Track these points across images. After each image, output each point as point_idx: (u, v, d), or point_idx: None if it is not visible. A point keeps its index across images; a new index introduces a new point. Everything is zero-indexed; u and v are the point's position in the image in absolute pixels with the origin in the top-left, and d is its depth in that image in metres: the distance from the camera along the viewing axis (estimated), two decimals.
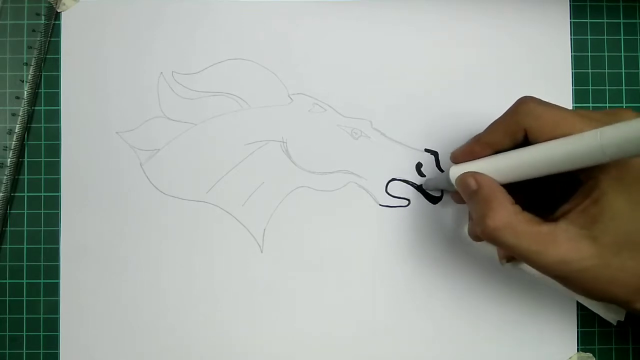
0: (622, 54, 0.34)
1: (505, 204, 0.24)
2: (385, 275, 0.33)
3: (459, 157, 0.28)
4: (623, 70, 0.34)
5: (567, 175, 0.24)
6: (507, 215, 0.24)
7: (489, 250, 0.32)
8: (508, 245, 0.24)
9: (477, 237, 0.28)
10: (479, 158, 0.27)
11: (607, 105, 0.34)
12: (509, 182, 0.25)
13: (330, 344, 0.33)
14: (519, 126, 0.25)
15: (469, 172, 0.27)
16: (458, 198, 0.31)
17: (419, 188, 0.33)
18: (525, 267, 0.31)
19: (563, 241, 0.23)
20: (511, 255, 0.29)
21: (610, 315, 0.30)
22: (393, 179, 0.33)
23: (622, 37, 0.34)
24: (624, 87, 0.34)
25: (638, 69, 0.34)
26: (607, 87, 0.34)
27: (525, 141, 0.25)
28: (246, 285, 0.33)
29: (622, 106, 0.34)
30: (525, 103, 0.25)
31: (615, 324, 0.32)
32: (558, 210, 0.25)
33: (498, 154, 0.26)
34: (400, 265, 0.33)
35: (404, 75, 0.34)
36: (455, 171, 0.28)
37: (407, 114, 0.33)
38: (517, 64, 0.34)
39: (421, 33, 0.34)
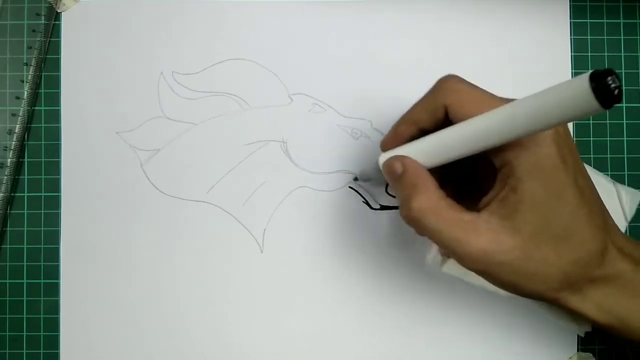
0: (622, 54, 0.34)
1: (430, 188, 0.23)
2: (386, 274, 0.33)
3: (386, 142, 0.27)
4: (623, 70, 0.34)
5: (490, 165, 0.24)
6: (432, 199, 0.23)
7: None
8: (431, 229, 0.23)
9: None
10: (406, 140, 0.26)
11: None
12: (434, 166, 0.24)
13: (329, 344, 0.33)
14: (438, 102, 0.24)
15: (395, 156, 0.25)
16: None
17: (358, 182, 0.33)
18: (449, 266, 0.30)
19: (484, 231, 0.22)
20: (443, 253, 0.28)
21: (576, 326, 0.29)
22: None
23: (622, 37, 0.34)
24: (624, 87, 0.34)
25: (638, 69, 0.34)
26: None
27: (447, 120, 0.24)
28: (246, 285, 0.33)
29: (622, 106, 0.34)
30: (446, 80, 0.24)
31: (583, 336, 0.31)
32: (481, 201, 0.24)
33: (421, 138, 0.25)
34: (400, 265, 0.33)
35: (404, 75, 0.34)
36: (383, 159, 0.27)
37: None
38: (517, 64, 0.34)
39: (421, 33, 0.34)
